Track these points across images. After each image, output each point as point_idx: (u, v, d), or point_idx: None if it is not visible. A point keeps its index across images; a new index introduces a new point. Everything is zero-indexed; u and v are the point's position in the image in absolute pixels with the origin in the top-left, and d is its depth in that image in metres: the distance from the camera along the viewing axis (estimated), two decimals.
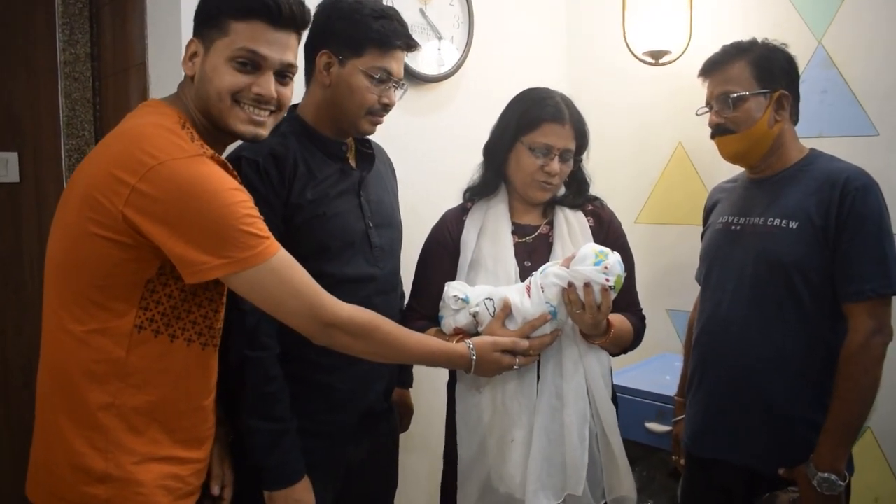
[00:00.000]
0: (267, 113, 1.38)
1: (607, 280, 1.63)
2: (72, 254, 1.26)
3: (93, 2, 2.58)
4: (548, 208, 1.90)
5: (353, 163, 1.75)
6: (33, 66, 2.55)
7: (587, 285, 1.63)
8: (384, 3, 1.72)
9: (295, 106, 1.71)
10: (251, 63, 1.33)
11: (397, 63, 1.66)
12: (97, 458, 1.24)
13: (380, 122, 1.70)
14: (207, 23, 1.34)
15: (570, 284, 1.65)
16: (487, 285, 1.76)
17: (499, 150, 1.86)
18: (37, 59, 2.55)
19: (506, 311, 1.69)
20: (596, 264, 1.64)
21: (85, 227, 1.22)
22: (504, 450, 1.71)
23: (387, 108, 1.68)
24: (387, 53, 1.63)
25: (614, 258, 1.67)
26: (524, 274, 1.79)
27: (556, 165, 1.78)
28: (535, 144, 1.78)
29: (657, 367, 2.66)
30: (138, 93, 2.26)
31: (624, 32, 2.79)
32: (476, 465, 1.75)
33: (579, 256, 1.68)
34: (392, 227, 1.81)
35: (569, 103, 1.83)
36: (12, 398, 2.52)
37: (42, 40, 2.55)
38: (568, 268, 1.68)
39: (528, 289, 1.70)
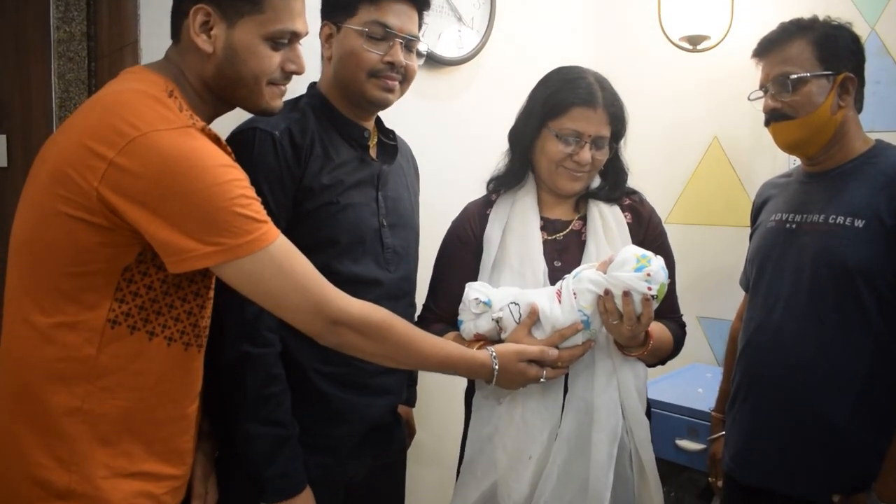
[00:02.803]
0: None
1: (650, 288, 1.48)
2: (38, 236, 1.14)
3: None
4: (580, 202, 1.75)
5: (373, 154, 1.64)
6: (24, 45, 2.44)
7: (626, 294, 1.48)
8: None
9: (314, 83, 1.63)
10: (288, 40, 1.28)
11: (396, 16, 1.53)
12: (59, 471, 1.11)
13: (391, 88, 1.56)
14: None
15: (607, 292, 1.50)
16: (513, 287, 1.62)
17: (524, 137, 1.72)
18: (28, 38, 2.44)
19: (533, 317, 1.55)
20: (637, 270, 1.49)
21: (54, 206, 1.11)
22: (518, 467, 1.58)
23: (395, 68, 1.54)
24: (380, 6, 1.52)
25: (658, 263, 1.51)
26: (553, 275, 1.65)
27: (586, 154, 1.63)
28: (562, 131, 1.64)
29: (688, 378, 2.55)
30: None
31: (659, 15, 2.68)
32: (480, 474, 1.63)
33: (618, 260, 1.52)
34: (408, 228, 1.70)
35: (604, 84, 1.68)
36: None
37: (34, 17, 2.43)
38: (605, 272, 1.53)
39: (559, 294, 1.56)
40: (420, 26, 1.62)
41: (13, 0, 2.41)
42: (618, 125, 1.68)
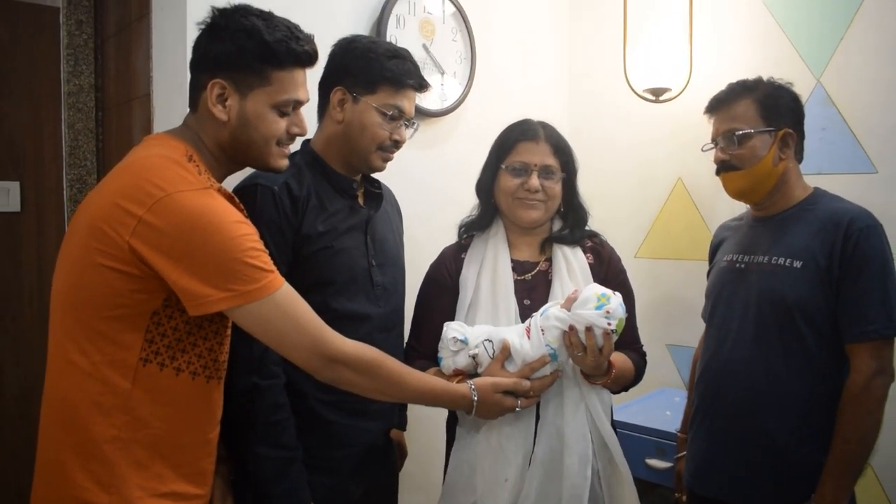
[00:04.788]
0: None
1: (609, 324, 1.61)
2: (78, 285, 1.25)
3: (98, 33, 2.60)
4: (546, 245, 1.89)
5: (360, 201, 1.77)
6: (37, 96, 2.57)
7: (588, 329, 1.61)
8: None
9: (308, 140, 1.75)
10: (292, 107, 1.41)
11: (409, 102, 1.71)
12: (100, 493, 1.22)
13: (390, 159, 1.75)
14: (240, 69, 1.35)
15: (572, 328, 1.62)
16: (487, 325, 1.74)
17: (486, 183, 1.89)
18: (40, 89, 2.57)
19: (505, 353, 1.66)
20: (598, 308, 1.61)
21: (91, 258, 1.22)
22: (495, 489, 1.69)
23: (398, 144, 1.73)
24: (399, 92, 1.68)
25: (616, 301, 1.64)
26: (523, 312, 1.77)
27: (535, 181, 1.79)
28: (511, 164, 1.82)
29: (657, 402, 2.65)
30: (142, 124, 2.27)
31: (625, 69, 2.82)
32: (460, 497, 1.73)
33: (581, 299, 1.65)
34: (395, 266, 1.83)
35: (545, 124, 1.87)
36: (7, 429, 2.49)
37: (46, 70, 2.57)
38: (569, 310, 1.65)
39: (528, 330, 1.67)
40: None
41: (25, 54, 2.52)
42: (563, 157, 1.83)
